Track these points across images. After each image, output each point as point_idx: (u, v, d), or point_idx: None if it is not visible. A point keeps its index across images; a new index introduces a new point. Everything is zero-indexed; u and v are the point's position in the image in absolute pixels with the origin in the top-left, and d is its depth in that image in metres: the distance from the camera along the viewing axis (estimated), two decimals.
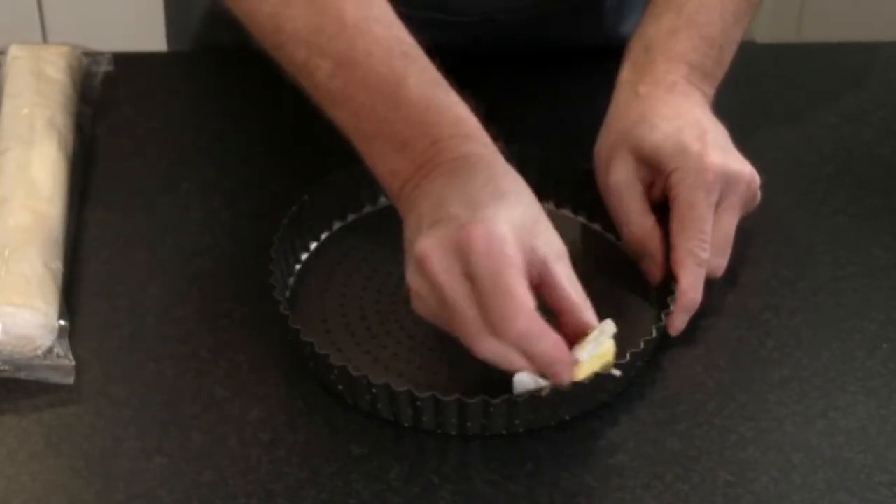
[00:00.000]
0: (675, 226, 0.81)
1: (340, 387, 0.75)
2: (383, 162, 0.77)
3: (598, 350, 0.73)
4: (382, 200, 0.88)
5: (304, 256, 0.85)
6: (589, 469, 0.73)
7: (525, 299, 0.70)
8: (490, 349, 0.71)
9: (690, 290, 0.80)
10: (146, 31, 1.20)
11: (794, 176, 0.94)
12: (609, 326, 0.74)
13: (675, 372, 0.79)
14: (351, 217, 0.87)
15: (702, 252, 0.80)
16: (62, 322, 0.78)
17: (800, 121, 1.00)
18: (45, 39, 2.03)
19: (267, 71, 0.82)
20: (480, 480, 0.72)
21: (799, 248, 0.88)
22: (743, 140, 0.97)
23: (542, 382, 0.72)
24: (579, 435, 0.75)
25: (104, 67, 1.00)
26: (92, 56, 1.00)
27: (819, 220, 0.91)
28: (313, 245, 0.85)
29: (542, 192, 0.88)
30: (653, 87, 0.86)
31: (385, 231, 0.83)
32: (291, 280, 0.83)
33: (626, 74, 0.88)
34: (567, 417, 0.75)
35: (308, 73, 0.79)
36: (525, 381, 0.72)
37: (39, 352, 0.77)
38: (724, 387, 0.78)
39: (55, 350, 0.77)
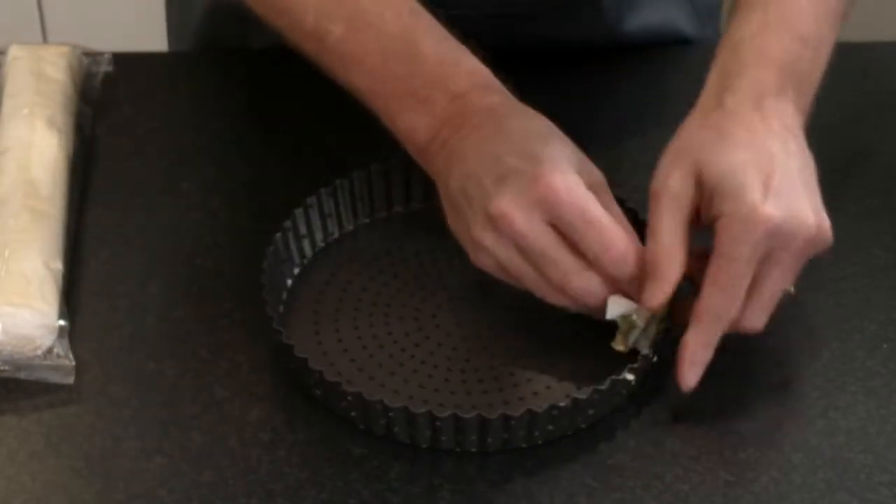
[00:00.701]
0: (709, 273, 0.74)
1: (353, 413, 0.74)
2: (403, 120, 0.78)
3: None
4: (376, 215, 0.87)
5: (290, 282, 0.83)
6: (589, 469, 0.73)
7: (614, 226, 0.74)
8: (583, 285, 0.75)
9: (698, 345, 0.74)
10: (146, 31, 1.20)
11: None
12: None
13: (675, 372, 0.79)
14: (337, 234, 0.87)
15: (723, 311, 0.74)
16: (62, 322, 0.78)
17: None
18: (45, 39, 2.03)
19: (267, 71, 0.83)
20: (480, 480, 0.72)
21: None
22: None
23: (634, 305, 0.75)
24: (579, 435, 0.75)
25: (104, 67, 1.00)
26: (92, 56, 1.00)
27: None
28: (297, 269, 0.84)
29: None
30: (739, 100, 0.79)
31: (369, 248, 0.83)
32: (281, 307, 0.82)
33: (713, 77, 0.82)
34: (584, 426, 0.75)
35: (318, 39, 0.79)
36: (619, 303, 0.75)
37: (39, 352, 0.77)
38: (724, 387, 0.78)
39: (55, 350, 0.77)
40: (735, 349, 0.80)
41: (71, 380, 0.77)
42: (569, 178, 0.74)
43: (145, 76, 1.02)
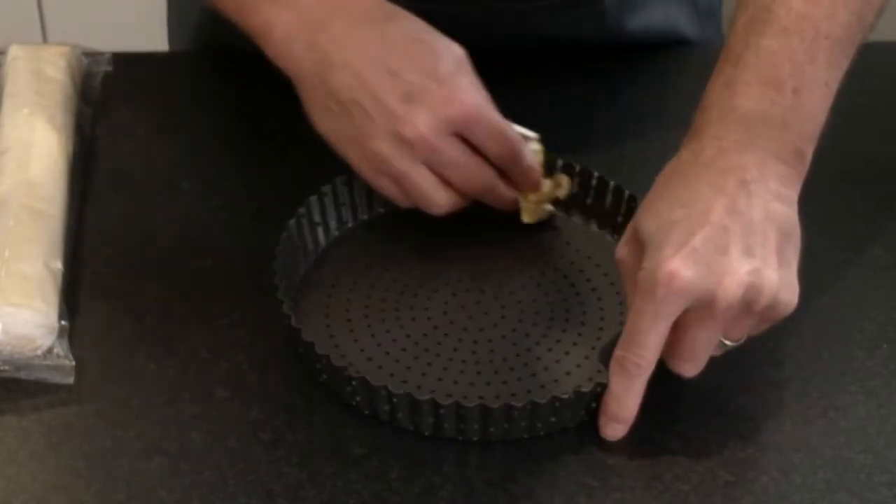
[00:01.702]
0: (624, 327, 0.73)
1: (358, 398, 0.75)
2: (258, 15, 0.81)
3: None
4: (378, 210, 0.88)
5: (304, 269, 0.84)
6: (589, 469, 0.73)
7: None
8: (503, 191, 0.83)
9: (613, 399, 0.73)
10: (146, 31, 1.20)
11: None
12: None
13: (675, 372, 0.79)
14: (350, 224, 0.87)
15: (631, 366, 0.72)
16: (62, 322, 0.78)
17: None
18: (45, 39, 2.03)
19: (267, 70, 0.82)
20: (480, 480, 0.72)
21: (799, 248, 0.88)
22: None
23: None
24: (579, 435, 0.75)
25: (104, 67, 1.00)
26: (92, 56, 1.00)
27: (819, 220, 0.90)
28: (314, 255, 0.85)
29: None
30: (693, 156, 0.75)
31: (384, 238, 0.83)
32: (294, 293, 0.82)
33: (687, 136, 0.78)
34: (587, 419, 0.75)
35: None
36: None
37: (39, 352, 0.77)
38: (724, 387, 0.78)
39: (55, 350, 0.77)
40: (735, 349, 0.80)
41: (71, 380, 0.77)
42: (478, 95, 0.79)
43: (145, 76, 1.02)
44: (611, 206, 0.86)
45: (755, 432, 0.75)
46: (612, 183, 0.86)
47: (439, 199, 0.81)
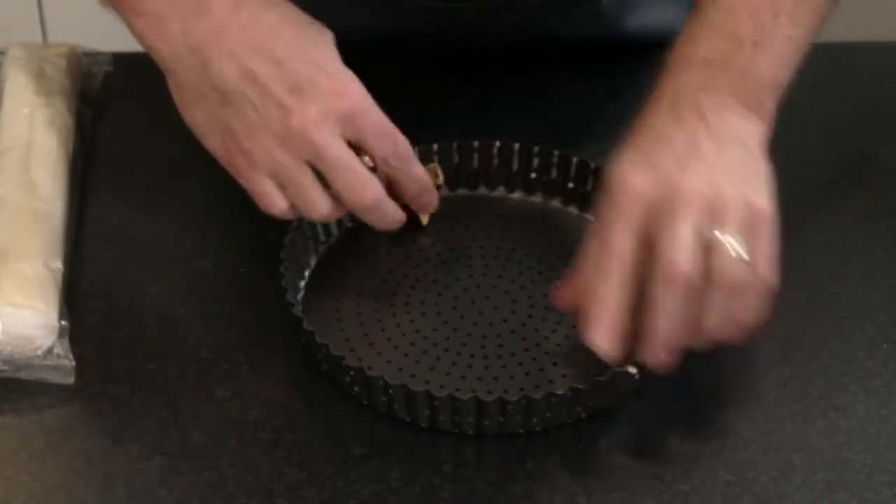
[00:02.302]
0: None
1: (356, 388, 0.75)
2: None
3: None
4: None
5: (314, 260, 0.84)
6: (589, 469, 0.73)
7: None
8: (379, 195, 0.78)
9: (586, 319, 0.72)
10: None
11: (794, 176, 0.94)
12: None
13: (675, 372, 0.79)
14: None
15: (605, 267, 0.72)
16: (62, 322, 0.78)
17: (800, 121, 0.99)
18: (45, 39, 2.03)
19: None
20: (480, 481, 0.72)
21: (799, 248, 0.88)
22: None
23: None
24: (579, 435, 0.75)
25: (104, 67, 1.00)
26: (92, 56, 1.00)
27: (819, 220, 0.91)
28: (324, 248, 0.85)
29: (544, 188, 0.89)
30: (655, 103, 0.78)
31: (397, 231, 0.84)
32: (302, 283, 0.82)
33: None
34: (584, 416, 0.75)
35: None
36: None
37: (39, 352, 0.77)
38: (724, 387, 0.78)
39: (55, 350, 0.77)
40: (735, 349, 0.80)
41: (71, 380, 0.77)
42: (366, 94, 0.76)
43: (145, 76, 1.02)
44: None
45: (755, 432, 0.75)
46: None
47: (319, 202, 0.77)
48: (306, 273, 0.83)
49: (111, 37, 1.15)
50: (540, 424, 0.74)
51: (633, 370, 0.75)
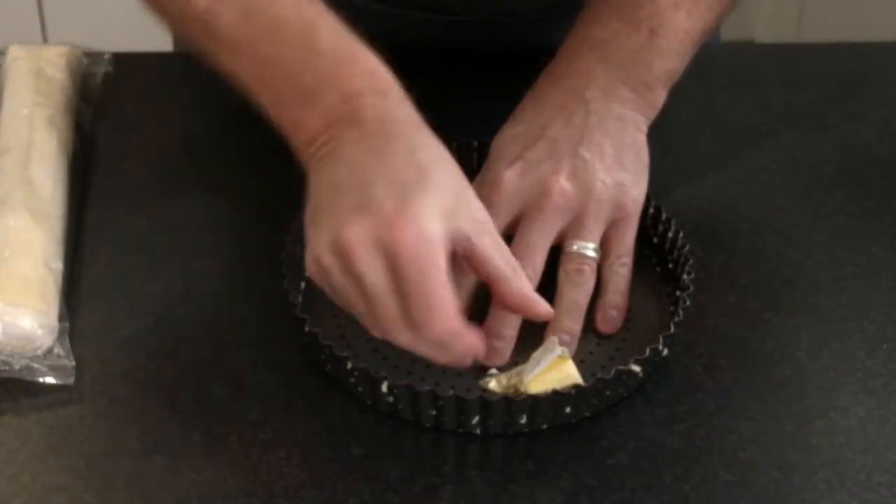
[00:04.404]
0: None
1: (360, 389, 0.75)
2: (289, 114, 0.75)
3: (547, 367, 0.74)
4: None
5: None
6: (589, 469, 0.73)
7: (447, 304, 0.69)
8: (406, 342, 0.71)
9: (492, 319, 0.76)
10: (146, 31, 1.20)
11: (794, 176, 0.94)
12: (552, 345, 0.75)
13: (675, 372, 0.79)
14: None
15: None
16: (62, 322, 0.78)
17: (800, 121, 1.00)
18: (45, 39, 2.03)
19: None
20: (480, 480, 0.72)
21: (799, 248, 0.88)
22: (743, 140, 0.98)
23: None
24: (579, 435, 0.75)
25: (104, 67, 1.00)
26: (92, 56, 1.00)
27: (819, 220, 0.91)
28: None
29: None
30: (547, 73, 0.84)
31: None
32: (303, 284, 0.82)
33: None
34: (588, 414, 0.75)
35: (206, 21, 0.76)
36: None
37: (39, 352, 0.77)
38: (724, 387, 0.78)
39: (55, 350, 0.77)
40: (735, 348, 0.80)
41: (71, 380, 0.77)
42: (423, 232, 0.68)
43: (145, 76, 1.02)
44: None
45: (755, 432, 0.75)
46: None
47: (373, 331, 0.73)
48: (307, 273, 0.83)
49: (111, 37, 1.16)
50: (546, 422, 0.74)
51: (636, 368, 0.75)
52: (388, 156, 0.71)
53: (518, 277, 0.73)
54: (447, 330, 0.69)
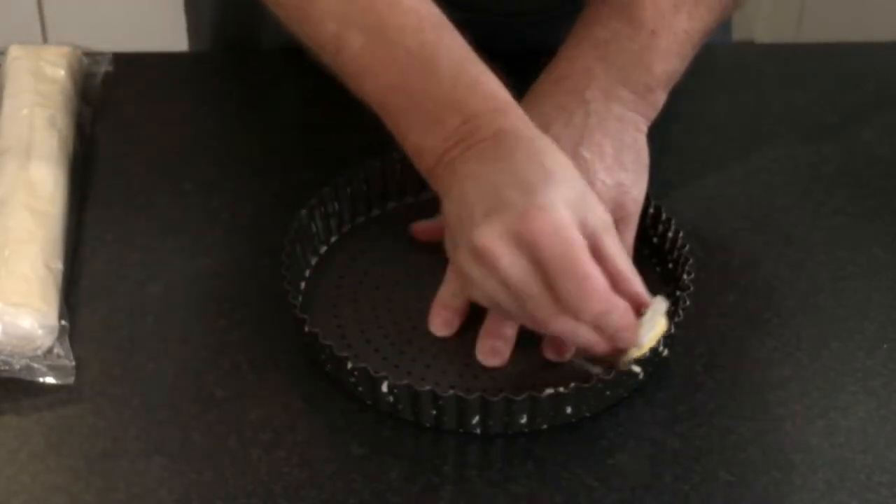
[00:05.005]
0: None
1: (360, 389, 0.75)
2: (413, 138, 0.77)
3: (654, 330, 0.74)
4: (389, 204, 0.88)
5: (314, 260, 0.84)
6: (589, 469, 0.73)
7: (598, 278, 0.71)
8: (564, 327, 0.72)
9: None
10: (146, 31, 1.21)
11: (794, 176, 0.94)
12: (661, 304, 0.75)
13: (675, 372, 0.79)
14: (359, 220, 0.87)
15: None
16: (62, 322, 0.78)
17: (800, 121, 1.00)
18: (45, 39, 2.03)
19: (267, 71, 0.82)
20: (480, 480, 0.72)
21: (799, 248, 0.88)
22: (743, 140, 0.98)
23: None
24: (579, 435, 0.75)
25: (104, 67, 1.00)
26: (92, 56, 1.00)
27: (819, 220, 0.91)
28: (323, 248, 0.85)
29: None
30: (549, 73, 0.84)
31: (395, 233, 0.83)
32: (303, 284, 0.82)
33: None
34: (588, 414, 0.75)
35: (336, 48, 0.78)
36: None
37: (39, 352, 0.77)
38: (724, 387, 0.78)
39: (55, 350, 0.77)
40: (735, 348, 0.80)
41: (71, 380, 0.77)
42: (557, 218, 0.70)
43: (145, 76, 1.02)
44: None
45: (755, 432, 0.75)
46: None
47: (535, 328, 0.75)
48: (307, 273, 0.83)
49: (111, 37, 1.16)
50: (546, 422, 0.74)
51: (637, 369, 0.75)
52: (511, 162, 0.73)
53: (638, 280, 0.75)
54: (605, 300, 0.71)
